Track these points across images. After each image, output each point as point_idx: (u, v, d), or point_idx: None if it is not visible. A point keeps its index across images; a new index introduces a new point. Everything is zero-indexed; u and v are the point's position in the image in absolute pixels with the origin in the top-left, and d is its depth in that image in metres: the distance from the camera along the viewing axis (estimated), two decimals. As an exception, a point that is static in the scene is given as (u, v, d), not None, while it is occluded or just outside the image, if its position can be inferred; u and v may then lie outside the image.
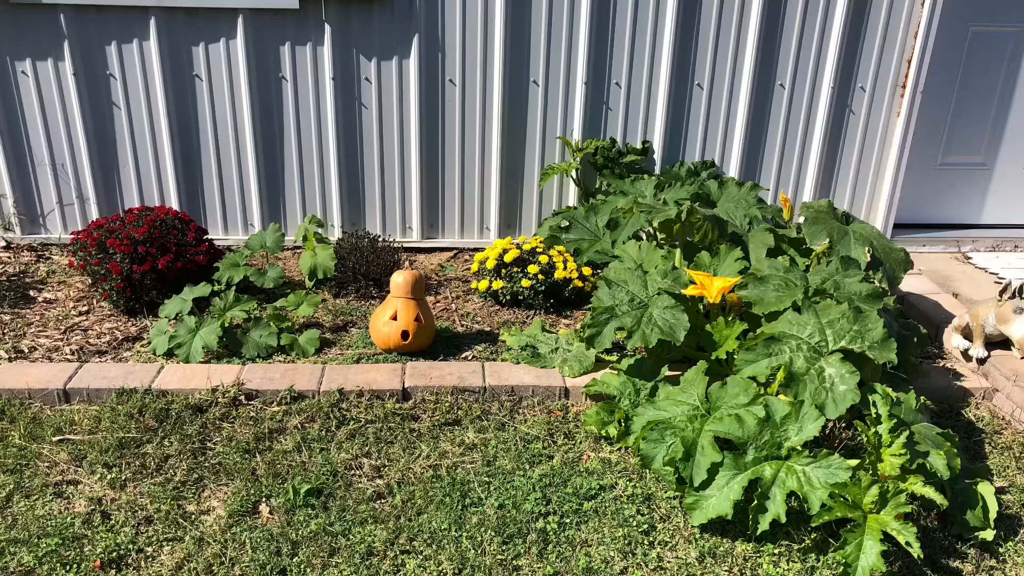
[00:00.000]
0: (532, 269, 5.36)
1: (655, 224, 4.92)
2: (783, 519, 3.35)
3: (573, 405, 4.45)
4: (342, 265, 5.58)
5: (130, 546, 3.37)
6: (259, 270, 5.46)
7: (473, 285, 5.66)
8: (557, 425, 4.26)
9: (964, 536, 3.56)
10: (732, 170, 6.37)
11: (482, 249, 5.94)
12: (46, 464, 3.82)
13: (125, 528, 3.46)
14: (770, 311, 4.10)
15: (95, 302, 5.34)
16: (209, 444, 4.01)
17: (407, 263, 6.07)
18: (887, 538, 3.25)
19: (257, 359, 4.72)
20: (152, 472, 3.80)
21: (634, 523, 3.59)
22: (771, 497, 3.41)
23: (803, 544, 3.44)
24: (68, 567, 3.25)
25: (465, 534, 3.49)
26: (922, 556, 3.18)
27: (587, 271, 5.51)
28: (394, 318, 4.72)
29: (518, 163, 6.27)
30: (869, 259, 4.54)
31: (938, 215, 6.98)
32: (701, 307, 4.49)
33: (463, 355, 4.87)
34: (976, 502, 3.60)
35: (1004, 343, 4.90)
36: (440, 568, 3.31)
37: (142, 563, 3.30)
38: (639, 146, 6.24)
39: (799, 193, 6.53)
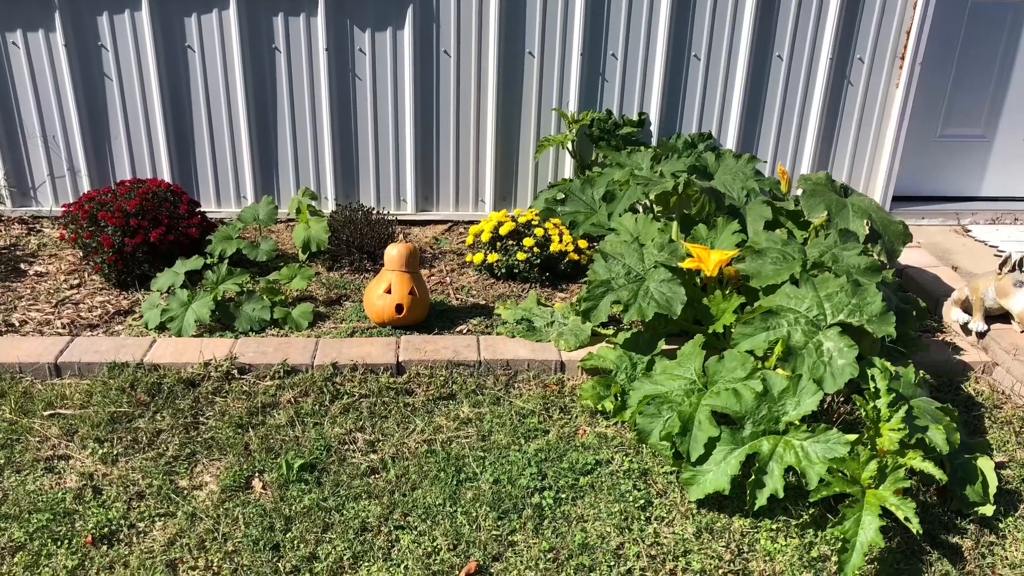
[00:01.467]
0: (527, 242, 5.32)
1: (652, 197, 4.88)
2: (781, 494, 3.33)
3: (569, 379, 4.42)
4: (336, 238, 5.54)
5: (122, 521, 3.34)
6: (252, 243, 5.42)
7: (468, 258, 5.62)
8: (553, 399, 4.23)
9: (963, 511, 3.54)
10: (729, 142, 6.33)
11: (477, 222, 5.90)
12: (37, 439, 3.79)
13: (117, 503, 3.43)
14: (768, 284, 4.07)
15: (87, 275, 5.31)
16: (202, 419, 3.98)
17: (401, 236, 6.04)
18: (886, 513, 3.24)
19: (250, 333, 4.69)
20: (144, 447, 3.77)
21: (630, 498, 3.56)
22: (769, 472, 3.39)
23: (801, 520, 3.42)
24: (59, 543, 3.22)
25: (460, 509, 3.47)
26: (921, 532, 3.16)
27: (583, 244, 5.48)
28: (388, 291, 4.68)
29: (513, 135, 6.23)
30: (868, 232, 4.51)
31: (937, 187, 6.95)
32: (698, 280, 4.46)
33: (458, 329, 4.84)
34: (976, 477, 3.58)
35: (1004, 316, 4.87)
36: (435, 544, 3.29)
37: (134, 539, 3.27)
38: (635, 118, 6.19)
39: (797, 165, 6.49)
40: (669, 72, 6.11)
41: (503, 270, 5.43)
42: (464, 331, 4.82)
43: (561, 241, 5.38)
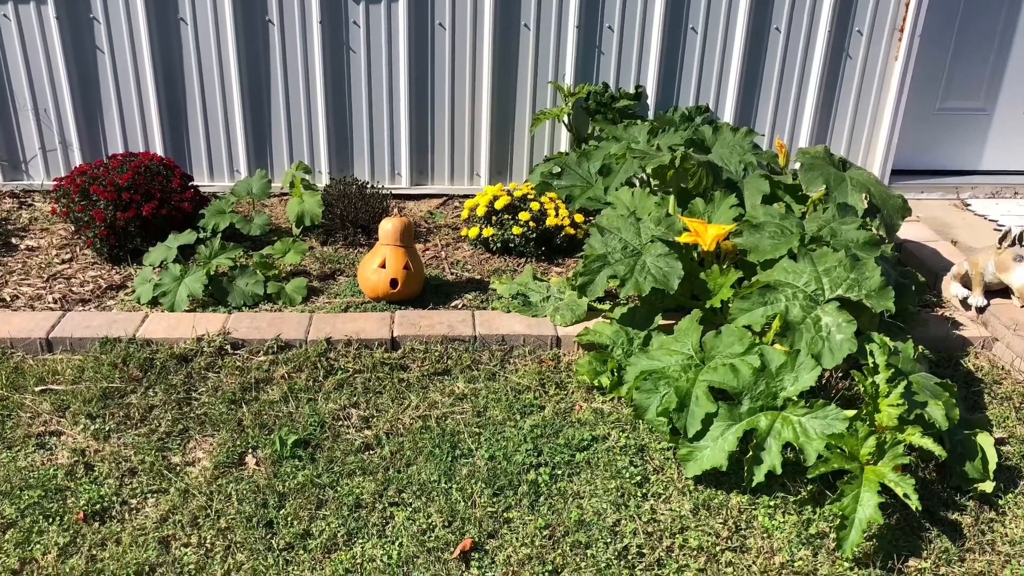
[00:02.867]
0: (523, 216, 5.29)
1: (648, 170, 4.85)
2: (779, 471, 3.32)
3: (565, 355, 4.40)
4: (330, 212, 5.50)
5: (114, 498, 3.32)
6: (245, 217, 5.38)
7: (463, 232, 5.59)
8: (549, 375, 4.20)
9: (963, 488, 3.53)
10: (727, 115, 6.29)
11: (472, 196, 5.86)
12: (28, 415, 3.76)
13: (109, 480, 3.41)
14: (765, 259, 4.04)
15: (78, 250, 5.27)
16: (194, 394, 3.95)
17: (396, 210, 6.00)
18: (885, 490, 3.22)
19: (243, 308, 4.66)
20: (136, 423, 3.75)
21: (627, 475, 3.54)
22: (767, 448, 3.38)
23: (799, 496, 3.40)
24: (51, 519, 3.21)
25: (455, 486, 3.45)
26: (920, 508, 3.15)
27: (579, 218, 5.45)
28: (383, 266, 4.65)
29: (509, 108, 6.18)
30: (866, 206, 4.49)
31: (937, 161, 6.91)
32: (695, 255, 4.43)
33: (453, 304, 4.81)
34: (975, 453, 3.56)
35: (1003, 291, 4.85)
36: (429, 520, 3.27)
37: (126, 515, 3.26)
38: (632, 91, 6.15)
39: (795, 139, 6.45)
40: (666, 45, 6.06)
41: (499, 244, 5.39)
42: (459, 306, 4.79)
43: (557, 215, 5.34)
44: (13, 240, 5.39)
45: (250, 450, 3.61)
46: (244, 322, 4.43)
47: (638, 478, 3.53)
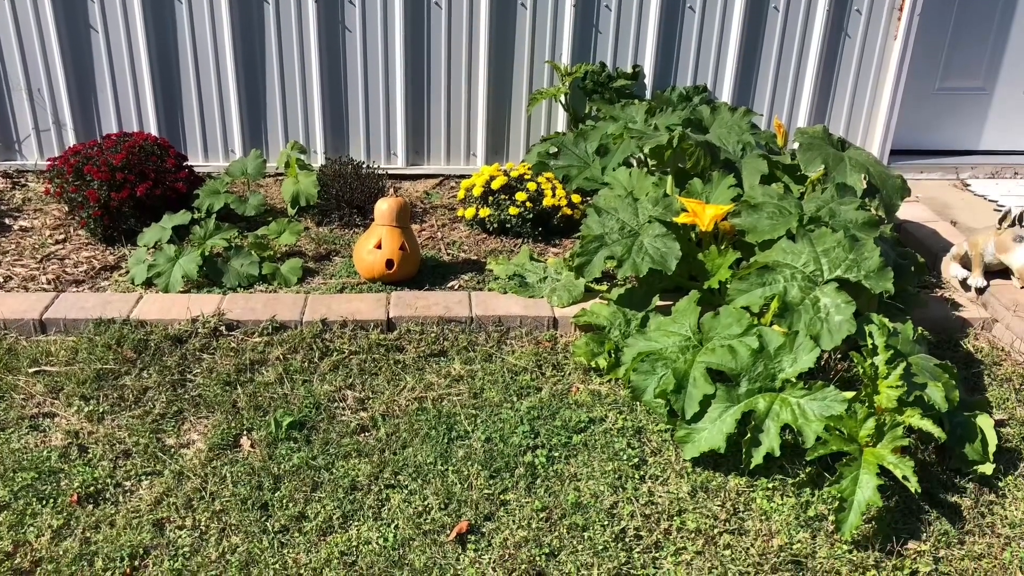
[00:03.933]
0: (520, 196, 5.26)
1: (646, 150, 4.83)
2: (777, 453, 3.31)
3: (562, 336, 4.38)
4: (325, 192, 5.47)
5: (108, 480, 3.31)
6: (240, 197, 5.34)
7: (459, 213, 5.56)
8: (545, 356, 4.18)
9: (963, 470, 3.51)
10: (725, 95, 6.26)
11: (468, 176, 5.83)
12: (22, 396, 3.74)
13: (103, 462, 3.40)
14: (764, 239, 4.02)
15: (72, 230, 5.24)
16: (189, 376, 3.93)
17: (392, 190, 5.97)
18: (884, 472, 3.22)
19: (238, 289, 4.63)
20: (130, 405, 3.73)
21: (624, 457, 3.53)
22: (765, 430, 3.36)
23: (798, 478, 3.39)
24: (44, 502, 3.19)
25: (451, 468, 3.43)
26: (919, 491, 3.13)
27: (576, 198, 5.42)
28: (378, 247, 4.63)
29: (506, 88, 6.15)
30: (865, 186, 4.47)
31: (936, 141, 6.89)
32: (693, 235, 4.40)
33: (449, 284, 4.79)
34: (975, 435, 3.54)
35: (1003, 272, 4.83)
36: (426, 503, 3.25)
37: (120, 498, 3.24)
38: (630, 70, 6.11)
39: (794, 119, 6.43)
40: (664, 24, 6.03)
41: (495, 225, 5.37)
42: (455, 287, 4.77)
43: (554, 196, 5.31)
44: (6, 221, 5.36)
45: (245, 432, 3.59)
46: (239, 303, 4.40)
47: (636, 460, 3.51)
